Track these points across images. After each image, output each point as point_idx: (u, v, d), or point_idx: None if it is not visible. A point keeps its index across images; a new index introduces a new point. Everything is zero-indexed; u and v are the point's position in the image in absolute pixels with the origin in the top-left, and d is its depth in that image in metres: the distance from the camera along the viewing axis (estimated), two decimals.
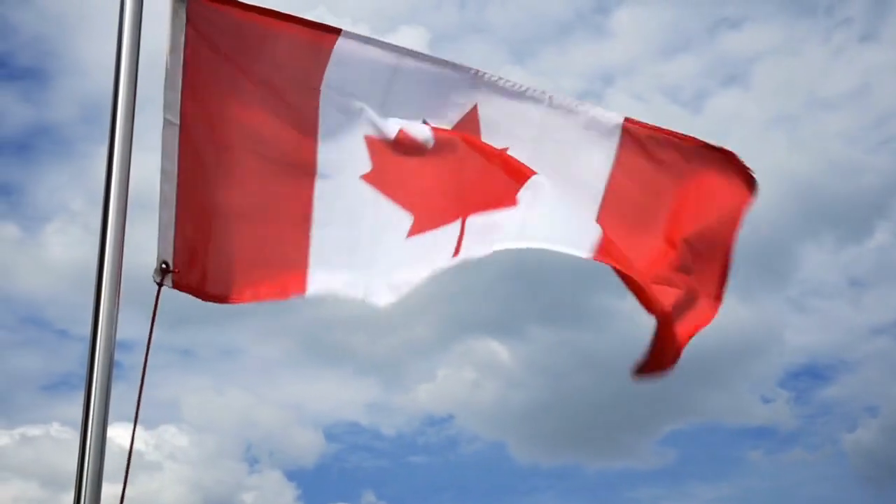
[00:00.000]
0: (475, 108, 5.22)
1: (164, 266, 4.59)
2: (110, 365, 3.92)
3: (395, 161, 5.13)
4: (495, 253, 5.07)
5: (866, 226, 31.10)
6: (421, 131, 5.16)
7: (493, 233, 4.99)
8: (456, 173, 5.15)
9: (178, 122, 4.63)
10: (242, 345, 28.35)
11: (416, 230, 5.07)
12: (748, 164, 5.33)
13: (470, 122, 5.23)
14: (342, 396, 30.12)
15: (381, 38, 5.06)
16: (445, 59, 5.19)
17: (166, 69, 4.63)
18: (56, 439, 25.09)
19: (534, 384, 28.27)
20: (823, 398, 29.59)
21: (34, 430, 25.61)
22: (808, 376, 30.18)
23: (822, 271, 31.55)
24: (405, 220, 5.08)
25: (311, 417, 29.15)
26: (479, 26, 32.61)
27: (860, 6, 31.59)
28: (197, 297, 4.74)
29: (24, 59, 30.26)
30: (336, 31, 4.98)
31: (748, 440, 29.53)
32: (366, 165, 5.09)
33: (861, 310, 30.76)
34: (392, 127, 5.12)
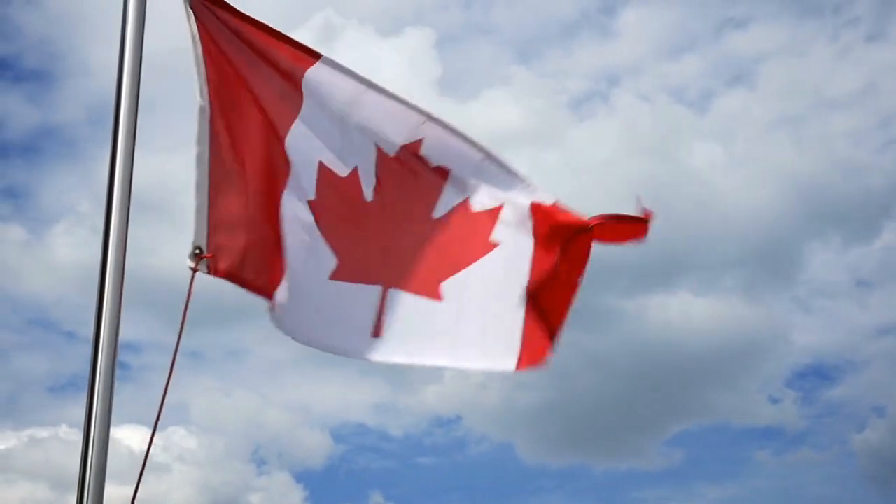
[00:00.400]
0: (420, 141, 5.20)
1: (197, 251, 4.56)
2: (113, 366, 3.91)
3: (336, 197, 5.16)
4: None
5: (873, 226, 31.14)
6: (368, 180, 5.19)
7: (417, 335, 5.08)
8: (385, 236, 5.20)
9: (208, 108, 4.67)
10: (249, 346, 28.40)
11: (337, 275, 5.10)
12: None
13: (412, 149, 5.22)
14: (349, 398, 30.16)
15: (387, 38, 5.11)
16: (405, 98, 5.20)
17: (193, 58, 4.69)
18: (64, 441, 25.15)
19: (540, 385, 28.28)
20: (830, 398, 29.61)
21: (42, 433, 25.69)
22: (814, 376, 30.20)
23: (828, 271, 31.61)
24: (330, 260, 5.11)
25: (318, 419, 29.21)
26: (484, 27, 32.71)
27: (867, 6, 31.63)
28: (233, 283, 4.71)
29: (30, 61, 30.38)
30: (316, 56, 5.05)
31: (755, 440, 29.54)
32: (311, 192, 5.11)
33: (867, 310, 30.81)
34: (348, 162, 5.17)
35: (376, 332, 5.06)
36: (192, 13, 4.71)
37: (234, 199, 4.75)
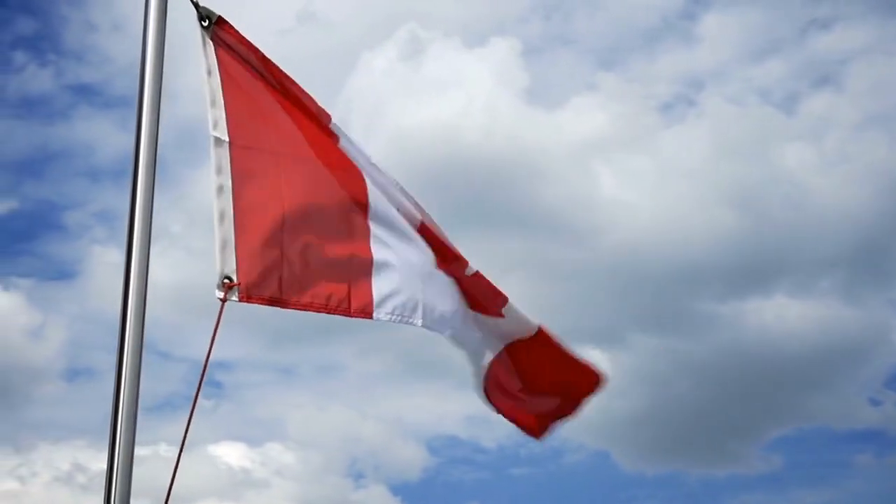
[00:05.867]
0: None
1: (226, 281, 4.50)
2: (137, 391, 3.94)
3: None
4: (594, 261, 5.68)
5: None
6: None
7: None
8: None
9: (227, 139, 4.66)
10: (343, 361, 28.51)
11: (439, 264, 5.41)
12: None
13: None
14: (442, 410, 30.14)
15: (473, 49, 5.26)
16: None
17: (207, 91, 4.69)
18: (164, 458, 25.41)
19: (636, 392, 27.97)
20: None
21: (143, 451, 25.91)
22: None
23: None
24: (428, 252, 5.39)
25: (412, 431, 29.22)
26: (566, 37, 32.50)
27: None
28: (272, 305, 4.67)
29: (119, 87, 30.78)
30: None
31: (855, 443, 28.96)
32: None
33: None
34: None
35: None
36: (210, 43, 4.73)
37: (271, 221, 4.72)
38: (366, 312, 4.92)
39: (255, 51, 4.89)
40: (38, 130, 30.83)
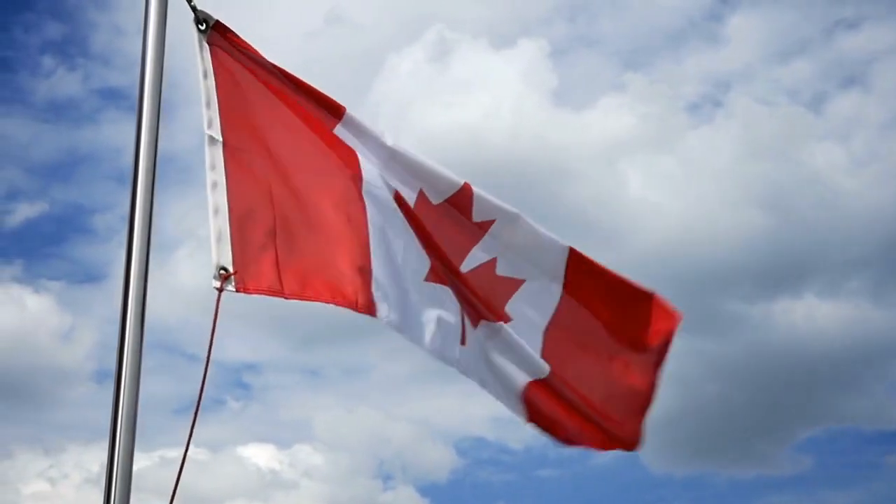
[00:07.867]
0: (467, 184, 5.30)
1: (223, 272, 4.42)
2: (136, 400, 3.93)
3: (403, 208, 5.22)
4: (621, 262, 5.36)
5: None
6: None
7: (485, 358, 5.41)
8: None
9: (220, 139, 4.62)
10: (370, 363, 28.57)
11: (430, 277, 5.20)
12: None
13: (462, 196, 5.32)
14: (470, 411, 30.12)
15: (500, 51, 5.09)
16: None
17: (203, 92, 4.66)
18: (193, 460, 25.36)
19: (664, 393, 27.76)
20: None
21: (171, 453, 26.11)
22: None
23: None
24: (424, 261, 5.20)
25: (440, 432, 29.24)
26: (590, 38, 32.47)
27: None
28: (272, 296, 4.59)
29: None
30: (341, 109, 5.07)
31: (886, 444, 28.77)
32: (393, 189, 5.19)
33: None
34: (391, 184, 5.19)
35: (462, 341, 5.27)
36: (205, 46, 4.70)
37: (261, 218, 4.68)
38: (370, 310, 4.83)
39: (255, 53, 4.86)
40: (66, 134, 31.04)
